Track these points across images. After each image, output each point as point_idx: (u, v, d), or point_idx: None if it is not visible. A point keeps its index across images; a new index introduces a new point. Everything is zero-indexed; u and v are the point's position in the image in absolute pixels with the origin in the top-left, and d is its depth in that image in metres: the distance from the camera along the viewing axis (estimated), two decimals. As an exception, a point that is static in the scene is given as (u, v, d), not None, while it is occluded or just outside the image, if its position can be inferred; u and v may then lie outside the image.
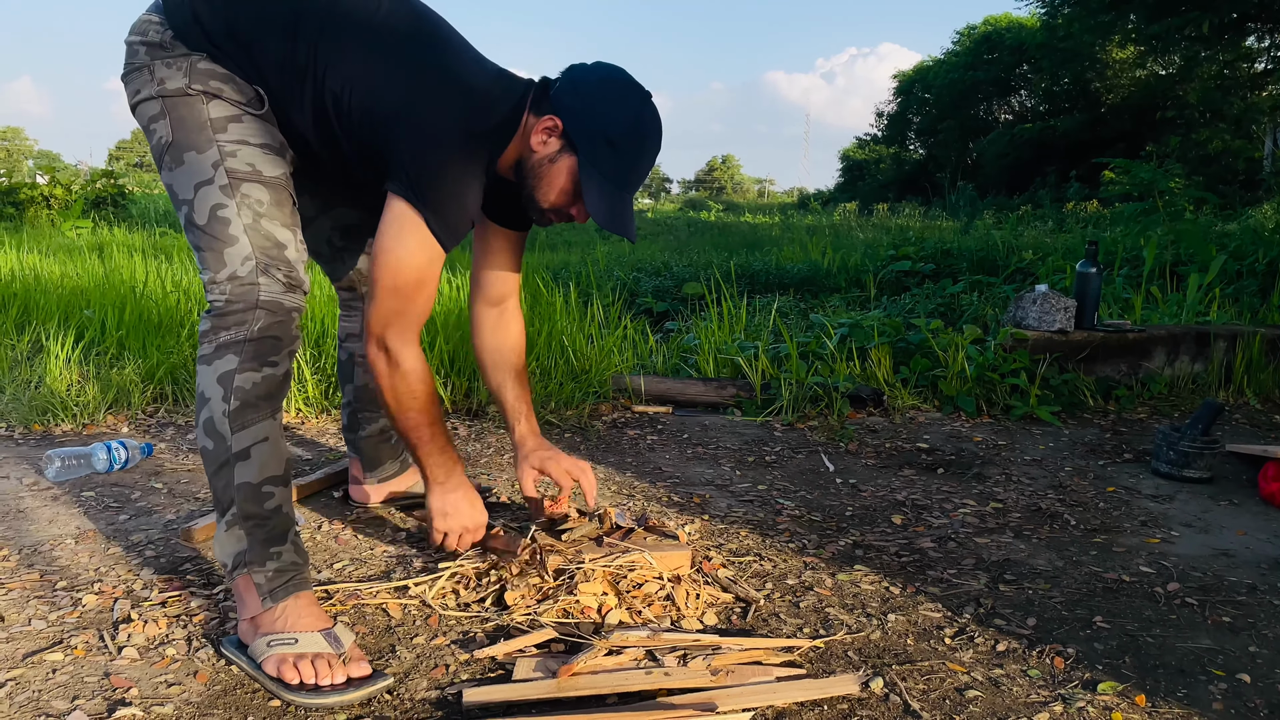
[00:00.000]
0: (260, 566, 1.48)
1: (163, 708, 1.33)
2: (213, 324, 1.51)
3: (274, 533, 1.50)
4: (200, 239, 1.51)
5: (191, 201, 1.51)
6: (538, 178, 1.63)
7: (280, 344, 1.53)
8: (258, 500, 1.49)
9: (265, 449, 1.51)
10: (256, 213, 1.52)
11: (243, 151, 1.52)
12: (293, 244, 1.56)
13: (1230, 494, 2.49)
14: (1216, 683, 1.48)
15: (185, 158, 1.51)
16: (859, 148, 37.16)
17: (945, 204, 19.01)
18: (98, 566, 1.82)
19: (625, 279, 6.85)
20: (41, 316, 3.95)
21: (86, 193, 12.03)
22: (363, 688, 1.38)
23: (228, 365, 1.49)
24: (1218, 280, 5.20)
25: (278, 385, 1.54)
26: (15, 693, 1.36)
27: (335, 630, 1.46)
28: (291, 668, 1.39)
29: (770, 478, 2.54)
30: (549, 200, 1.64)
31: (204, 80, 1.51)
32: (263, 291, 1.51)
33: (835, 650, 1.56)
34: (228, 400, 1.48)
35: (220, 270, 1.50)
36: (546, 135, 1.60)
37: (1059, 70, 25.00)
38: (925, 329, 3.67)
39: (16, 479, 2.33)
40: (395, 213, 1.54)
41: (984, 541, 2.09)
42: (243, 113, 1.53)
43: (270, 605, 1.46)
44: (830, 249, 8.80)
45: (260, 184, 1.53)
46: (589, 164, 1.58)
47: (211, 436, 1.50)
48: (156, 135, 1.54)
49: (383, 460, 2.17)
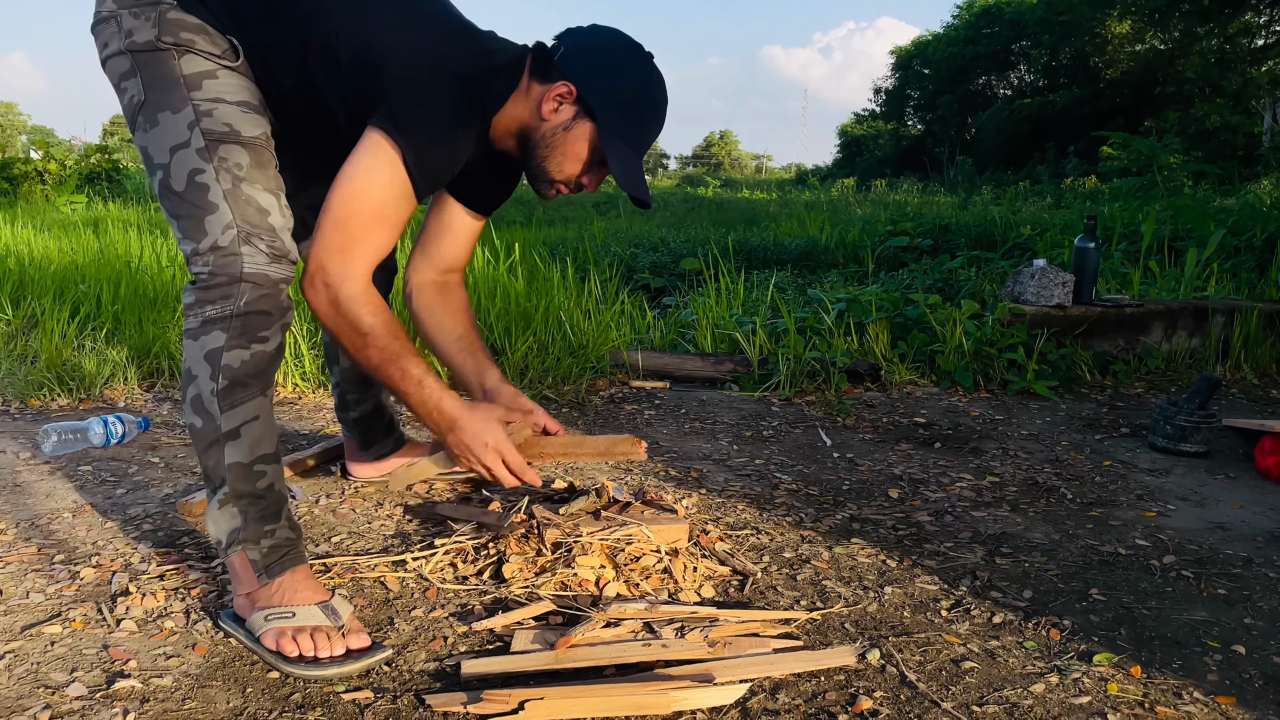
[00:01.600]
0: (255, 544, 1.46)
1: (161, 679, 1.34)
2: (197, 297, 1.44)
3: (268, 510, 1.48)
4: (178, 206, 1.43)
5: (167, 166, 1.43)
6: (550, 147, 1.55)
7: (270, 318, 1.46)
8: (250, 479, 1.46)
9: (256, 427, 1.47)
10: (236, 177, 1.43)
11: (219, 110, 1.43)
12: (276, 209, 1.48)
13: (1227, 468, 2.50)
14: (1211, 654, 1.48)
15: (159, 118, 1.43)
16: (857, 123, 37.01)
17: (943, 179, 18.95)
18: (95, 540, 1.82)
19: (623, 254, 6.83)
20: (37, 291, 3.93)
21: (81, 168, 11.97)
22: (361, 659, 1.38)
23: (214, 342, 1.43)
24: (1216, 255, 5.20)
25: (268, 361, 1.48)
26: (14, 665, 1.36)
27: (332, 603, 1.46)
28: (290, 640, 1.38)
29: (768, 452, 2.55)
30: (563, 171, 1.58)
31: (174, 31, 1.42)
32: (246, 263, 1.43)
33: (832, 622, 1.56)
34: (215, 379, 1.43)
35: (201, 239, 1.42)
36: (558, 102, 1.53)
37: (1058, 45, 24.89)
38: (923, 304, 3.66)
39: (13, 453, 2.33)
40: (369, 143, 1.43)
41: (980, 515, 2.09)
42: (218, 67, 1.44)
43: (266, 581, 1.45)
44: (828, 224, 8.77)
45: (239, 145, 1.44)
46: (608, 129, 1.52)
47: (200, 414, 1.45)
48: (128, 94, 1.45)
49: (377, 439, 2.15)
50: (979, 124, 27.62)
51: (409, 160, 1.43)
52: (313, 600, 1.45)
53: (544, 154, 1.56)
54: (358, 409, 2.10)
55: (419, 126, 1.43)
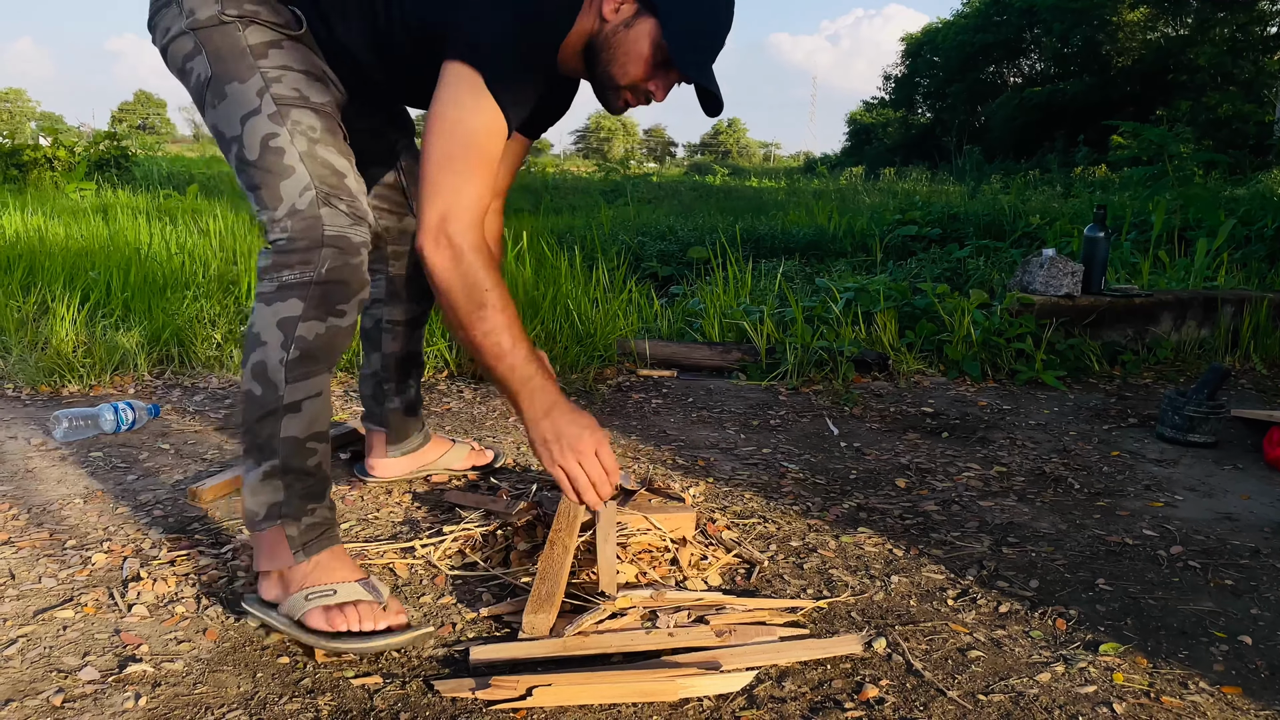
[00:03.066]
0: (295, 520, 1.42)
1: (173, 664, 1.35)
2: (274, 260, 1.39)
3: (313, 489, 1.44)
4: (254, 175, 1.39)
5: (240, 137, 1.40)
6: (613, 49, 1.48)
7: (349, 290, 1.42)
8: (302, 455, 1.42)
9: (317, 404, 1.43)
10: (311, 139, 1.40)
11: (288, 77, 1.41)
12: (351, 173, 1.44)
13: (1235, 459, 2.50)
14: (1218, 644, 1.49)
15: (227, 90, 1.40)
16: (866, 111, 36.83)
17: (952, 168, 18.87)
18: (106, 525, 1.83)
19: (630, 243, 6.82)
20: (47, 278, 3.95)
21: (90, 155, 11.96)
22: (407, 632, 1.37)
23: (290, 310, 1.38)
24: (1226, 245, 5.17)
25: (342, 338, 1.43)
26: (27, 649, 1.37)
27: (371, 580, 1.45)
28: (339, 614, 1.37)
29: (775, 441, 2.55)
30: (628, 75, 1.50)
31: (237, 4, 1.41)
32: (327, 225, 1.38)
33: (838, 611, 1.57)
34: (287, 348, 1.38)
35: (278, 206, 1.38)
36: (618, 1, 1.47)
37: (1069, 32, 24.72)
38: (931, 293, 3.65)
39: (24, 439, 2.34)
40: (452, 75, 1.38)
41: (987, 505, 2.09)
42: (282, 37, 1.43)
43: (303, 559, 1.42)
44: (836, 213, 8.74)
45: (310, 109, 1.42)
46: (670, 19, 1.45)
47: (261, 382, 1.40)
48: (194, 74, 1.43)
49: (409, 433, 2.08)
50: (988, 112, 27.47)
51: (495, 88, 1.37)
52: (352, 578, 1.43)
53: (608, 57, 1.49)
54: (397, 398, 2.03)
55: (499, 54, 1.38)
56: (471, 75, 1.37)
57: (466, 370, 3.18)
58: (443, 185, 1.37)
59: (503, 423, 2.64)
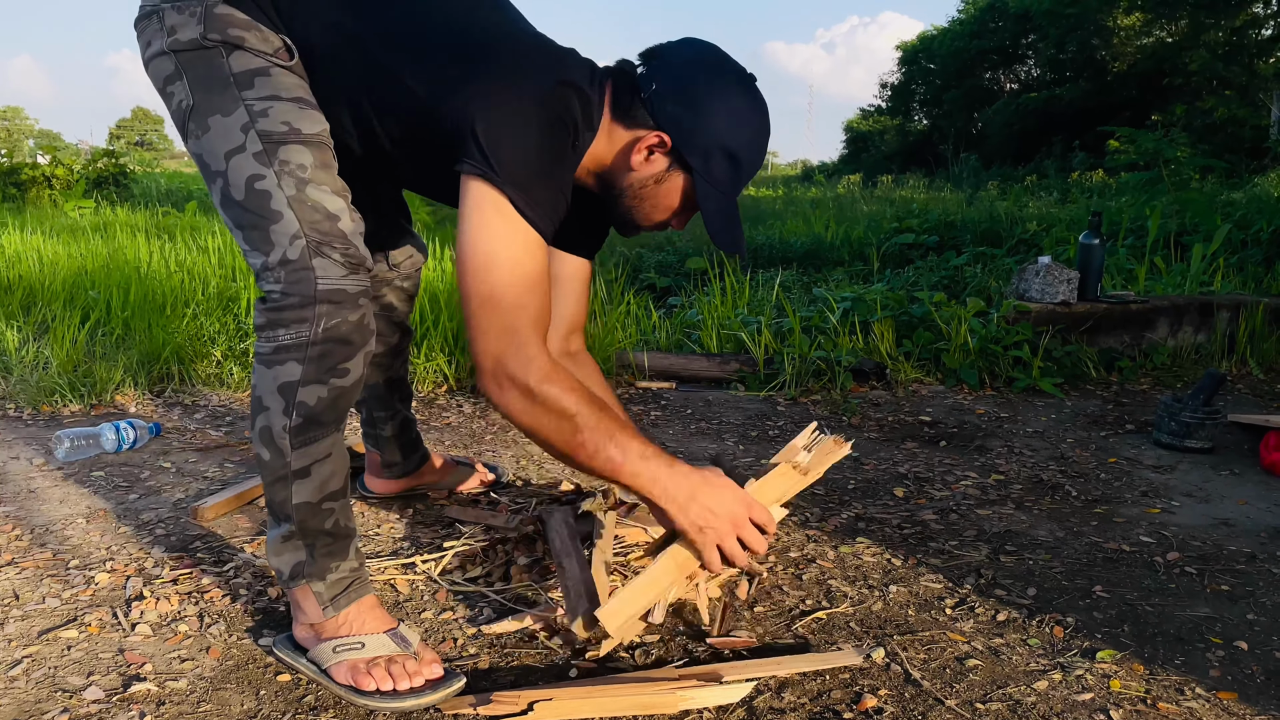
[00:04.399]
0: (320, 579, 1.39)
1: (177, 682, 1.36)
2: (269, 319, 1.32)
3: (334, 547, 1.41)
4: (241, 216, 1.32)
5: (225, 173, 1.32)
6: (639, 199, 1.44)
7: (351, 348, 1.34)
8: (318, 518, 1.38)
9: (326, 466, 1.38)
10: (300, 179, 1.31)
11: (275, 109, 1.31)
12: (346, 213, 1.35)
13: (1232, 464, 2.51)
14: (1214, 650, 1.50)
15: (210, 123, 1.32)
16: (863, 119, 36.90)
17: (949, 175, 18.91)
18: (109, 545, 1.84)
19: (628, 254, 6.84)
20: (47, 297, 3.97)
21: (88, 172, 12.00)
22: (439, 689, 1.32)
23: (289, 375, 1.32)
24: (1222, 250, 5.19)
25: (347, 396, 1.37)
26: (32, 669, 1.38)
27: (400, 630, 1.41)
28: (365, 674, 1.33)
29: (773, 452, 2.55)
30: (651, 220, 1.47)
31: (221, 28, 1.30)
32: (320, 279, 1.30)
33: (837, 621, 1.58)
34: (289, 414, 1.33)
35: (270, 252, 1.31)
36: (649, 152, 1.39)
37: (1065, 38, 24.78)
38: (928, 302, 3.67)
39: (26, 459, 2.35)
40: (473, 198, 1.27)
41: (985, 513, 2.10)
42: (269, 64, 1.33)
43: (333, 614, 1.39)
44: (833, 222, 8.78)
45: (300, 144, 1.32)
46: (705, 182, 1.39)
47: (269, 448, 1.36)
48: (175, 99, 1.34)
49: (404, 455, 2.07)
50: (985, 119, 27.53)
51: (519, 202, 1.27)
52: (380, 629, 1.40)
53: (632, 204, 1.45)
54: (387, 426, 2.01)
55: (516, 160, 1.27)
56: (496, 197, 1.26)
57: (466, 385, 3.19)
58: (490, 327, 1.28)
59: (502, 436, 2.65)
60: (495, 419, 2.82)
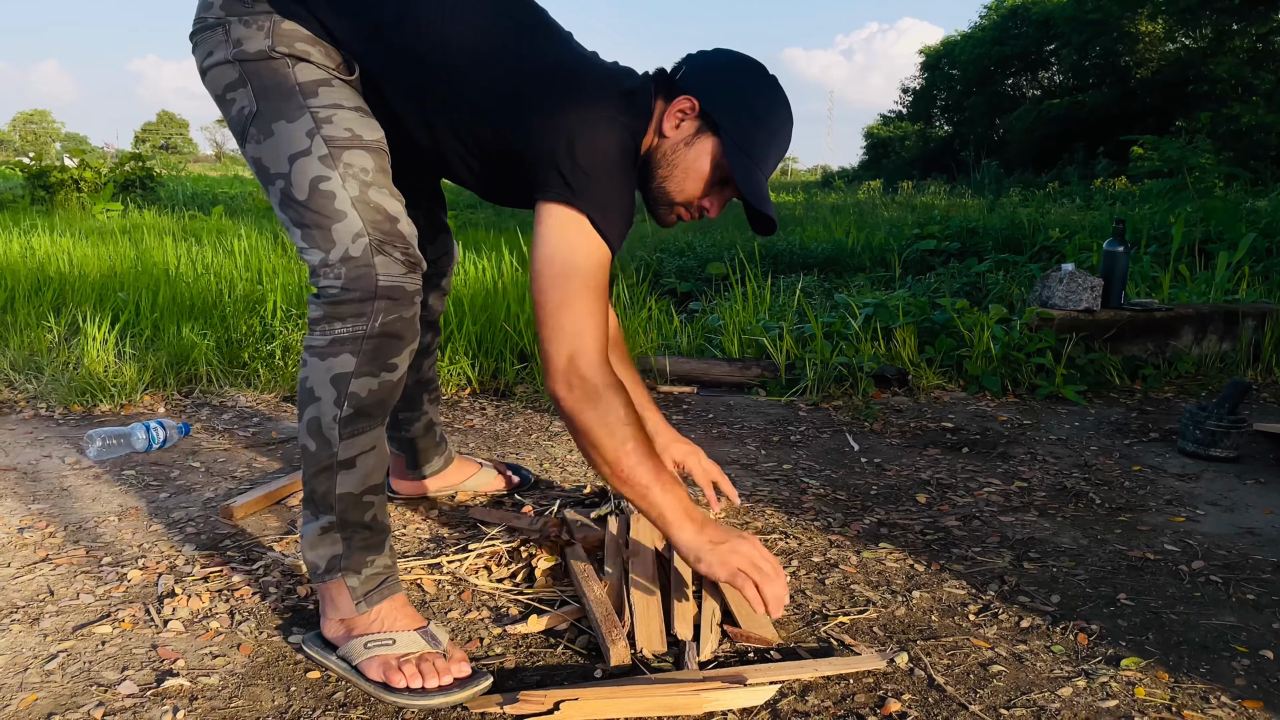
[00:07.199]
0: (355, 573, 1.42)
1: (208, 678, 1.38)
2: (325, 312, 1.37)
3: (372, 541, 1.44)
4: (302, 214, 1.37)
5: (287, 175, 1.37)
6: (671, 165, 1.47)
7: (401, 343, 1.41)
8: (359, 510, 1.42)
9: (371, 458, 1.42)
10: (363, 182, 1.37)
11: (339, 116, 1.38)
12: (403, 216, 1.42)
13: (1257, 473, 2.49)
14: (1239, 659, 1.49)
15: (274, 128, 1.37)
16: (884, 125, 36.86)
17: (971, 181, 18.85)
18: (141, 543, 1.87)
19: (649, 260, 6.86)
20: (77, 299, 4.02)
21: (116, 176, 12.14)
22: (466, 688, 1.34)
23: (344, 366, 1.37)
24: (1247, 258, 5.14)
25: (394, 389, 1.43)
26: (67, 664, 1.41)
27: (430, 628, 1.43)
28: (397, 671, 1.35)
29: (795, 457, 2.57)
30: (684, 192, 1.50)
31: (288, 42, 1.37)
32: (381, 275, 1.36)
33: (860, 626, 1.58)
34: (340, 405, 1.38)
35: (331, 249, 1.36)
36: (680, 117, 1.46)
37: (1087, 44, 24.67)
38: (950, 308, 3.67)
39: (59, 458, 2.39)
40: (554, 218, 1.36)
41: (1008, 520, 2.10)
42: (332, 77, 1.40)
43: (365, 609, 1.42)
44: (854, 228, 8.76)
45: (363, 149, 1.39)
46: (733, 142, 1.44)
47: (315, 438, 1.40)
48: (236, 105, 1.39)
49: (429, 457, 2.10)
50: (1007, 125, 27.43)
51: (597, 220, 1.36)
52: (411, 626, 1.42)
53: (665, 173, 1.49)
54: (409, 428, 2.03)
55: (593, 183, 1.36)
56: (575, 217, 1.36)
57: (489, 388, 3.21)
58: (565, 327, 1.36)
59: (525, 439, 2.67)
60: (520, 421, 2.85)
